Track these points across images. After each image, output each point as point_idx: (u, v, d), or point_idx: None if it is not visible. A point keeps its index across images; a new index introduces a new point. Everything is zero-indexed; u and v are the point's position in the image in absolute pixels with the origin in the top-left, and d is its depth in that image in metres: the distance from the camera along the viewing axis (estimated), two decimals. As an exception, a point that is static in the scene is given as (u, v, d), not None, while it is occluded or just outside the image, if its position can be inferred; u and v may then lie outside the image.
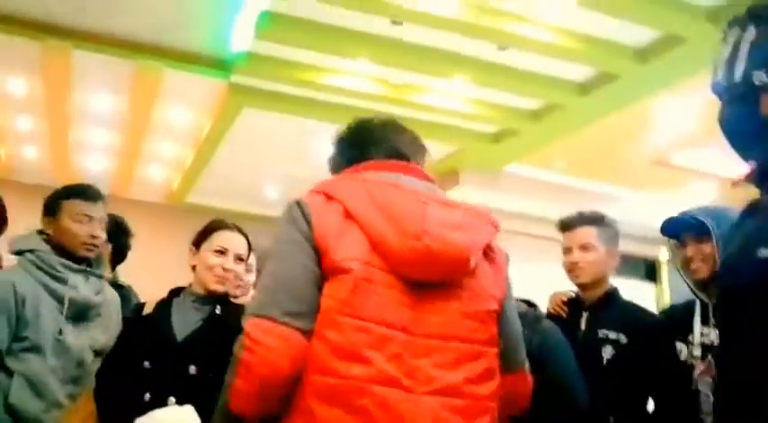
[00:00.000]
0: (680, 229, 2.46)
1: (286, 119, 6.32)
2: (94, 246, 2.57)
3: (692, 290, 2.44)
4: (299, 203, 1.50)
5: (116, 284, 3.21)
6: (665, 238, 2.55)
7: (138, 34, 5.41)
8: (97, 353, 2.57)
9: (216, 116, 6.56)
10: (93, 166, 8.23)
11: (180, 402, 1.91)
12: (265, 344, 1.35)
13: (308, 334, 1.38)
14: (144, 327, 2.21)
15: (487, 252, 1.59)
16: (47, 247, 2.52)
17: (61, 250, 2.53)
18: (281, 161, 7.59)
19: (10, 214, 2.86)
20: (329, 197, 1.50)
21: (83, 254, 2.55)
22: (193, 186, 8.74)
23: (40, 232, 2.57)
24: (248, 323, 1.39)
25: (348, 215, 1.46)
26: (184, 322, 2.14)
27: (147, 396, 2.00)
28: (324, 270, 1.43)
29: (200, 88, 6.06)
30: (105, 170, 8.36)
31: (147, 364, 2.08)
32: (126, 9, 5.03)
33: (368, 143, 1.69)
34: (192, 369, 2.01)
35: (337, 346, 1.36)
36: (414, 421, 1.34)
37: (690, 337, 2.38)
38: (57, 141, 7.57)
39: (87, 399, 2.27)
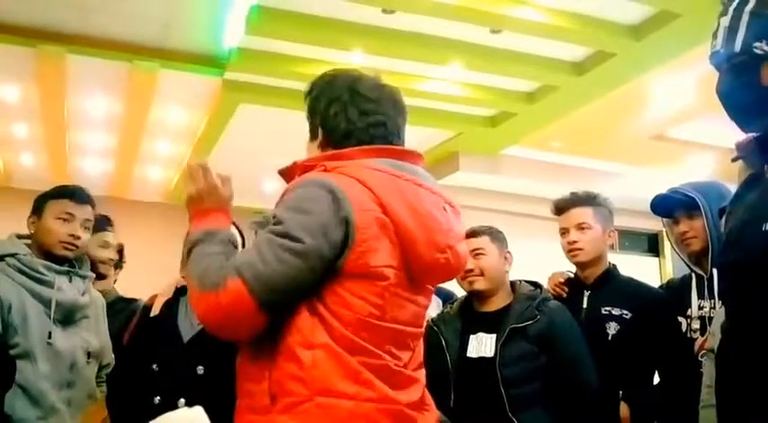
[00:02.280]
0: (671, 207, 2.48)
1: (282, 113, 6.30)
2: (74, 245, 2.47)
3: (687, 264, 2.46)
4: (337, 191, 1.43)
5: (127, 299, 3.20)
6: (664, 213, 2.57)
7: (130, 36, 5.40)
8: (91, 356, 2.53)
9: (212, 113, 6.55)
10: (92, 169, 8.22)
11: (189, 404, 1.89)
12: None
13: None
14: (151, 328, 2.19)
15: None
16: (27, 251, 2.45)
17: (40, 250, 2.46)
18: (278, 155, 7.50)
19: (9, 222, 2.83)
20: (363, 184, 1.47)
21: (61, 252, 2.46)
22: (193, 185, 8.69)
23: (20, 237, 2.51)
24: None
25: (384, 212, 1.46)
26: (190, 322, 2.11)
27: (157, 399, 1.99)
28: (344, 267, 1.43)
29: (195, 86, 6.05)
30: (104, 172, 8.35)
31: (155, 366, 2.06)
32: (118, 11, 5.02)
33: (381, 132, 1.64)
34: (200, 369, 2.01)
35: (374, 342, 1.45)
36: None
37: (688, 311, 2.40)
38: (54, 146, 7.56)
39: (100, 406, 2.26)
